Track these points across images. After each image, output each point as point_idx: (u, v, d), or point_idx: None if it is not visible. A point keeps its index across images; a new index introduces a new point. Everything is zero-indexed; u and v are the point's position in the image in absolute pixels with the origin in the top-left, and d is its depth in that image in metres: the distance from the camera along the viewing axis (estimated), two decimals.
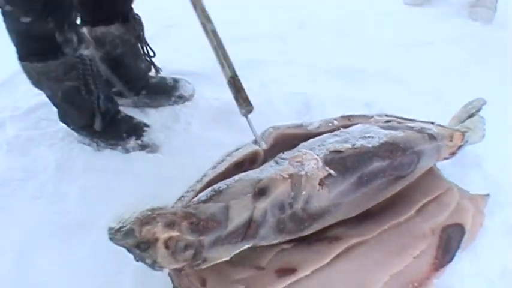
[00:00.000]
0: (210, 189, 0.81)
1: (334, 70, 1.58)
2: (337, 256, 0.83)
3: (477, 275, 0.88)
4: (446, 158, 1.07)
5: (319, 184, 0.81)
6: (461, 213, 0.94)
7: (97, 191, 1.12)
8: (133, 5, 1.33)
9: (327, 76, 1.56)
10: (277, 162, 0.86)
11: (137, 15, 1.34)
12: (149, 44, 1.40)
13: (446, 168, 1.09)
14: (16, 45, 1.10)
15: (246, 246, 0.78)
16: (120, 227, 0.70)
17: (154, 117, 1.38)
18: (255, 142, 0.95)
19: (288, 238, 0.82)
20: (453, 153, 1.07)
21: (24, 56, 1.11)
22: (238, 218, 0.76)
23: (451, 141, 1.04)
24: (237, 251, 0.78)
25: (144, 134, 1.25)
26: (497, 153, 1.16)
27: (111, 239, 0.71)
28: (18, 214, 1.07)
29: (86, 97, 1.16)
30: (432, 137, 0.99)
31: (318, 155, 0.85)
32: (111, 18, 1.28)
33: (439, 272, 0.84)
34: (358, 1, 2.12)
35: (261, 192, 0.78)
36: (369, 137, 0.92)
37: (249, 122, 0.96)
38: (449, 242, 0.88)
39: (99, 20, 1.28)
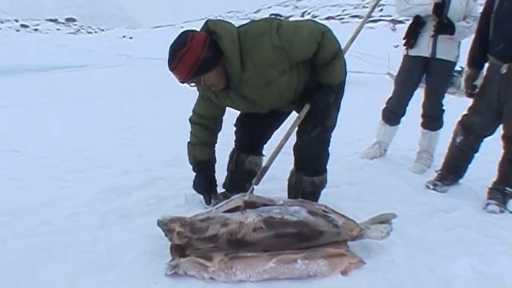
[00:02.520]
0: (206, 215, 1.76)
1: None
2: None
3: None
4: (353, 239, 1.84)
5: (253, 230, 1.70)
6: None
7: None
8: None
9: None
10: (241, 213, 1.77)
11: None
12: None
13: None
14: None
15: (212, 246, 1.72)
16: (162, 221, 1.70)
17: None
18: (243, 196, 1.91)
19: (231, 250, 1.73)
20: (354, 239, 1.83)
21: None
22: (211, 232, 1.71)
23: (351, 231, 1.81)
24: (209, 246, 1.72)
25: None
26: None
27: (158, 224, 1.72)
28: None
29: None
30: (335, 226, 1.78)
31: (261, 215, 1.74)
32: None
33: None
34: None
35: (224, 224, 1.71)
36: (295, 215, 1.76)
37: (252, 189, 2.01)
38: None
39: None
